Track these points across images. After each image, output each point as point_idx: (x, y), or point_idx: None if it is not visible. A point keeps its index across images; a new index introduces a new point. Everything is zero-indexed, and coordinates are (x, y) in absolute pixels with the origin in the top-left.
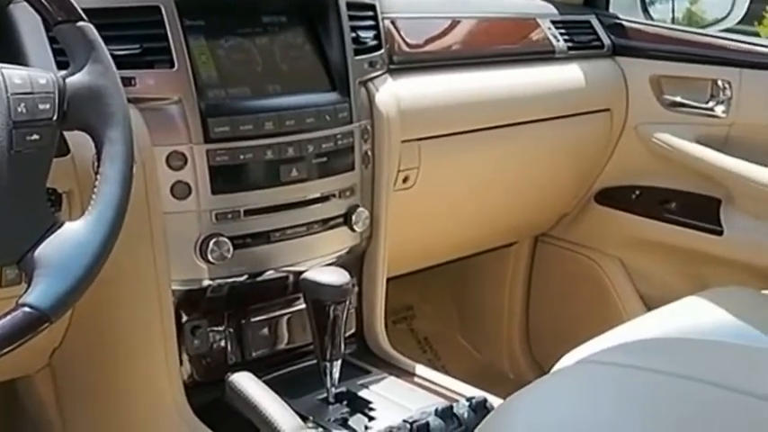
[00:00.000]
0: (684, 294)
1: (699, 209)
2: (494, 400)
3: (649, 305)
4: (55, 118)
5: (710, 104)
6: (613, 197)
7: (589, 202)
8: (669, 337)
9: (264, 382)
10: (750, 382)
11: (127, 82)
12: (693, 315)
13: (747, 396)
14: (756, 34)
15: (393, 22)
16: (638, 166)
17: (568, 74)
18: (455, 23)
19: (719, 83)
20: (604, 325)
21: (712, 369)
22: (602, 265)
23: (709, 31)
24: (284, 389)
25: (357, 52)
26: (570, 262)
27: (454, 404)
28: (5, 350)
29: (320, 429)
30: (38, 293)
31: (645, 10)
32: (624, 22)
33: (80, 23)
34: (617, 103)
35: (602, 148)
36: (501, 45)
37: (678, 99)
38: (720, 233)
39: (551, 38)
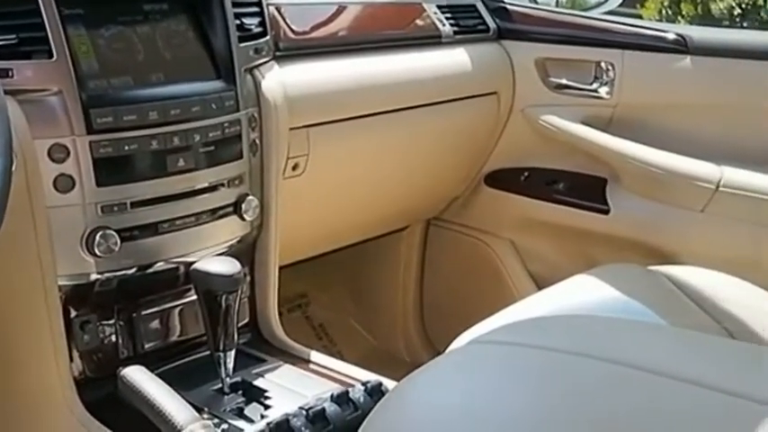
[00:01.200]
0: (574, 273)
1: (586, 189)
2: (389, 384)
3: (540, 284)
4: None
5: (595, 86)
6: (503, 179)
7: (479, 184)
8: (558, 314)
9: (158, 374)
10: (636, 355)
11: (3, 73)
12: (582, 292)
13: (630, 368)
14: (639, 16)
15: (278, 9)
16: (526, 148)
17: (455, 58)
18: (341, 9)
19: (603, 65)
20: (497, 305)
21: (600, 344)
22: (494, 246)
23: (592, 13)
24: (178, 381)
25: (242, 39)
26: (462, 244)
27: (350, 389)
28: None
29: (215, 420)
30: None
31: None
32: (509, 6)
33: None
34: (504, 87)
35: (491, 132)
36: (387, 30)
37: (563, 81)
38: (607, 212)
39: (437, 22)
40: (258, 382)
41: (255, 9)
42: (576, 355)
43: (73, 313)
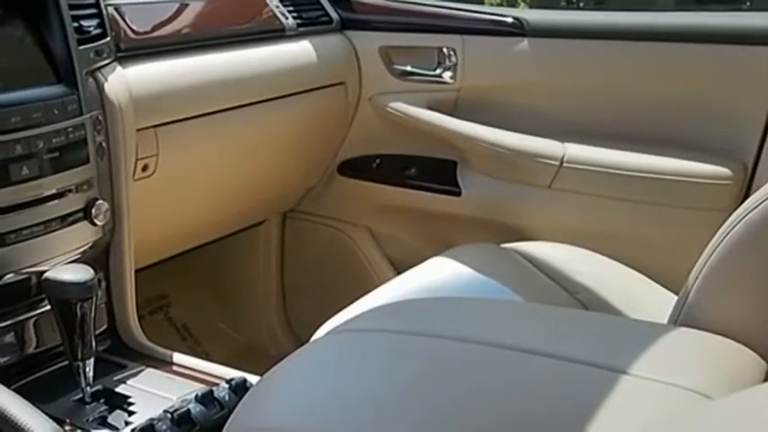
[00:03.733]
0: (431, 255)
1: (437, 172)
2: (254, 380)
3: (399, 269)
4: None
5: (438, 71)
6: (355, 168)
7: (332, 174)
8: (415, 297)
9: (15, 389)
10: (490, 332)
11: None
12: (438, 274)
13: (484, 346)
14: (481, 1)
15: (117, 9)
16: (377, 135)
17: (300, 50)
18: (182, 7)
19: (445, 50)
20: (358, 293)
21: (454, 324)
22: (351, 234)
23: (433, 1)
24: (36, 394)
25: (81, 42)
26: (320, 235)
27: (214, 388)
28: None
29: (78, 431)
30: None
31: None
32: None
33: None
34: (350, 77)
35: (340, 121)
36: (230, 26)
37: (408, 68)
38: (459, 194)
39: (280, 16)
40: (120, 389)
41: (93, 11)
42: (431, 336)
43: None
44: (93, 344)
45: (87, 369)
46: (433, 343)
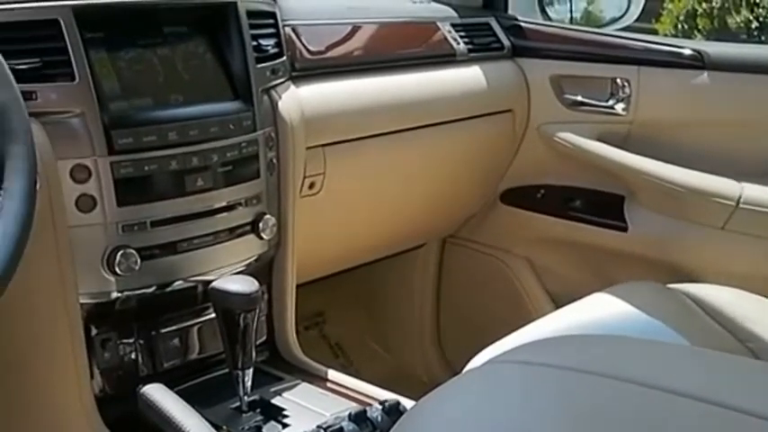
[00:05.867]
0: (591, 291)
1: (603, 206)
2: (407, 403)
3: (557, 303)
4: None
5: (611, 102)
6: (519, 197)
7: (495, 202)
8: (577, 333)
9: (177, 392)
10: (657, 376)
11: (28, 96)
12: (600, 311)
13: (651, 389)
14: (655, 31)
15: (294, 30)
16: (542, 165)
17: (470, 76)
18: (356, 29)
19: (618, 81)
20: (514, 324)
21: (621, 365)
22: (510, 264)
23: (607, 30)
24: (197, 399)
25: (259, 60)
26: (478, 262)
27: (367, 408)
28: None
29: None
30: None
31: (543, 11)
32: (523, 24)
33: None
34: (519, 104)
35: (506, 149)
36: (402, 49)
37: (579, 98)
38: (625, 229)
39: (451, 41)
40: (276, 401)
41: (272, 30)
42: (598, 375)
43: (94, 331)
44: (254, 354)
45: (246, 379)
46: (601, 383)
